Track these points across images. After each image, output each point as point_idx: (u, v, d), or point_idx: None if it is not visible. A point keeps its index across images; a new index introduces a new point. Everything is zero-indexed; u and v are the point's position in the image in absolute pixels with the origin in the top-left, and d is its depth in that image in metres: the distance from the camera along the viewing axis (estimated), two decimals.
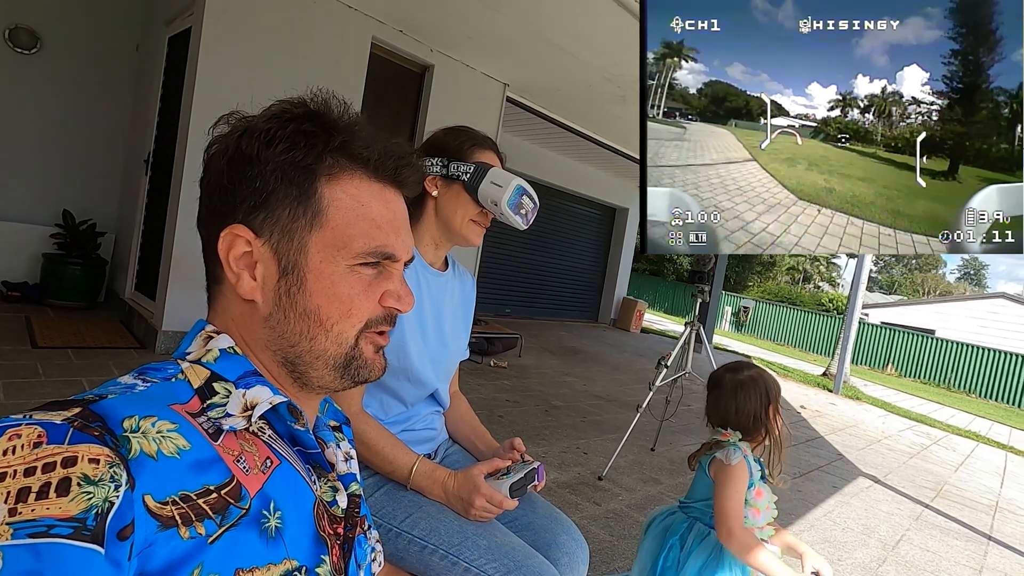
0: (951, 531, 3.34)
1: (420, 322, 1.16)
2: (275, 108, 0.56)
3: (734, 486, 1.26)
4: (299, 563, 0.50)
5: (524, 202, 1.14)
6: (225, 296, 0.56)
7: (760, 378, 1.36)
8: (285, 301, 0.54)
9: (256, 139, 0.52)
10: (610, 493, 2.75)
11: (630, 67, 4.48)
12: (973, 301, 22.70)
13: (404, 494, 1.06)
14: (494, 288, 8.54)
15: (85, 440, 0.39)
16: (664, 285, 22.04)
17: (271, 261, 0.53)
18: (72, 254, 4.18)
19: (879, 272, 46.60)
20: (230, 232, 0.53)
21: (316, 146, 0.53)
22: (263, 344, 0.55)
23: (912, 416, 7.86)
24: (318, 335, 0.54)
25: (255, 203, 0.53)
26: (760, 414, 1.33)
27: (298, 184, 0.53)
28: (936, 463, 5.19)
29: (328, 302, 0.54)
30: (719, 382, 1.41)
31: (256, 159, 0.52)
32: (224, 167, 0.53)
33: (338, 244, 0.54)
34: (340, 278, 0.54)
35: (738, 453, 1.29)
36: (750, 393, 1.34)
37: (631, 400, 4.74)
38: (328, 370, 0.56)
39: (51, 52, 4.27)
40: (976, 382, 15.48)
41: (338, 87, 2.72)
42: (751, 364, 1.43)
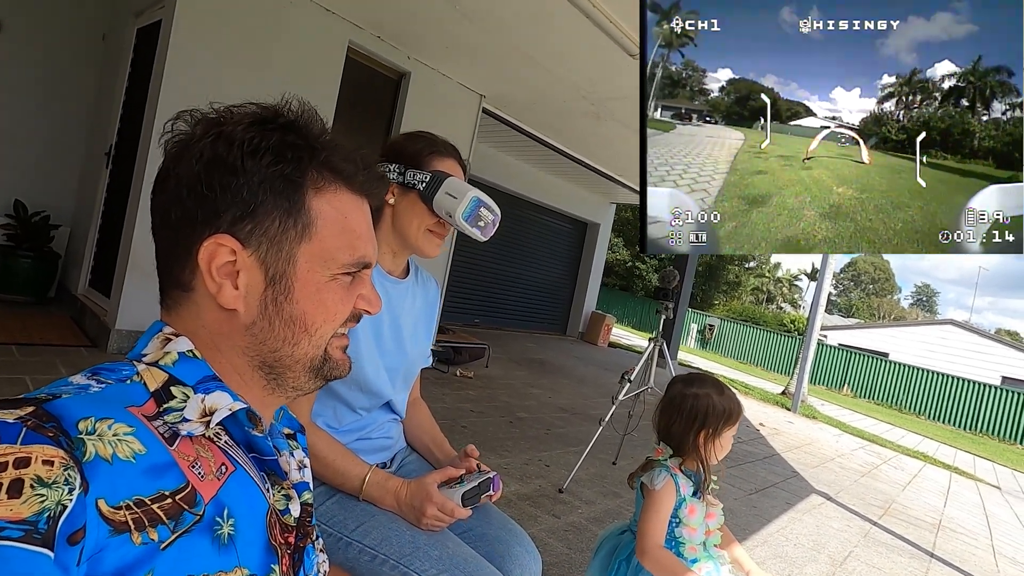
0: (896, 548, 3.45)
1: (375, 331, 1.14)
2: (250, 113, 0.55)
3: (654, 509, 1.25)
4: (250, 572, 0.49)
5: (482, 214, 1.11)
6: (195, 303, 0.55)
7: (702, 398, 1.30)
8: (271, 309, 0.54)
9: (239, 148, 0.52)
10: (570, 506, 2.76)
11: (604, 84, 4.57)
12: (924, 327, 23.70)
13: (356, 503, 1.04)
14: (463, 297, 8.52)
15: (39, 441, 0.38)
16: (633, 301, 22.36)
17: (256, 271, 0.53)
18: (22, 246, 4.00)
19: (838, 295, 48.21)
20: (214, 242, 0.52)
21: (302, 159, 0.54)
22: (239, 350, 0.55)
23: (865, 436, 8.13)
24: (302, 340, 0.56)
25: (241, 213, 0.52)
26: (690, 436, 1.29)
27: (287, 197, 0.53)
28: (885, 482, 5.37)
29: (314, 309, 0.55)
30: (667, 391, 1.38)
31: (241, 169, 0.52)
32: (201, 172, 0.52)
33: (325, 256, 0.56)
34: (324, 286, 0.56)
35: (663, 475, 1.27)
36: (682, 412, 1.30)
37: (596, 413, 4.77)
38: (305, 372, 0.57)
39: (12, 37, 4.11)
40: (925, 404, 16.13)
41: (312, 89, 2.74)
42: (706, 380, 1.36)
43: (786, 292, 34.78)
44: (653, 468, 1.30)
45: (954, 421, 15.43)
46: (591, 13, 3.37)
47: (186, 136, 0.54)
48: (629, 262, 24.06)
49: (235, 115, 0.54)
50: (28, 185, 4.29)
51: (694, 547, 1.29)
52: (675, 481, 1.27)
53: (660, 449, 1.35)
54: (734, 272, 29.34)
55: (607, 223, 11.00)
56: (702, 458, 1.29)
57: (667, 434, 1.34)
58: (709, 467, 1.31)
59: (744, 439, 5.40)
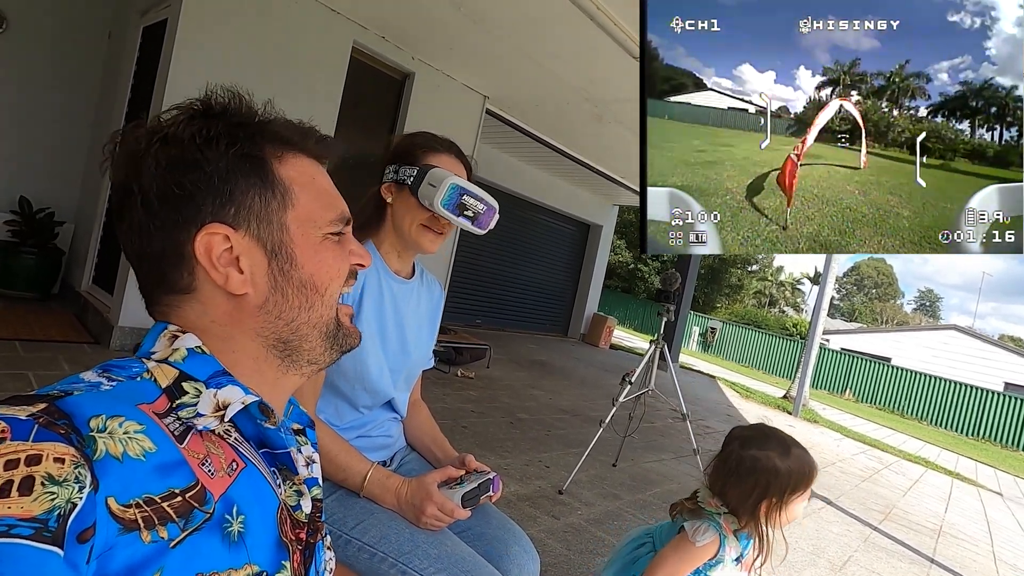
0: (896, 553, 3.44)
1: (381, 329, 1.15)
2: (184, 110, 0.55)
3: (682, 564, 1.12)
4: (260, 568, 0.50)
5: (468, 202, 1.09)
6: (199, 302, 0.55)
7: (763, 462, 1.11)
8: (281, 280, 0.55)
9: (191, 143, 0.52)
10: (569, 507, 2.76)
11: (607, 86, 4.58)
12: (927, 332, 23.64)
13: (356, 500, 1.05)
14: (465, 298, 8.53)
15: (50, 438, 0.38)
16: (635, 303, 22.35)
17: (255, 249, 0.54)
18: (27, 243, 4.02)
19: (841, 299, 48.11)
20: (206, 233, 0.52)
21: (254, 136, 0.55)
22: (253, 333, 0.56)
23: (866, 440, 8.11)
24: (316, 302, 0.57)
25: (221, 200, 0.53)
26: (746, 505, 1.12)
27: (256, 173, 0.55)
28: (886, 487, 5.36)
29: (319, 268, 0.57)
30: (724, 447, 1.20)
31: (204, 159, 0.52)
32: (166, 176, 0.52)
33: (311, 217, 0.57)
34: (320, 246, 0.58)
35: (710, 534, 1.11)
36: (740, 478, 1.12)
37: (596, 415, 4.76)
38: (321, 340, 0.59)
39: (18, 33, 4.13)
40: (928, 410, 16.08)
41: (316, 89, 2.74)
42: (771, 437, 1.16)
43: (788, 296, 34.72)
44: (702, 517, 1.14)
45: (956, 427, 15.37)
46: (595, 15, 3.37)
47: (131, 150, 0.53)
48: (631, 264, 24.05)
49: (171, 118, 0.55)
50: (33, 182, 4.31)
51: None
52: (722, 544, 1.12)
53: (714, 501, 1.16)
54: (736, 275, 29.29)
55: (610, 225, 10.99)
56: (761, 531, 1.13)
57: (722, 495, 1.16)
58: (770, 541, 1.13)
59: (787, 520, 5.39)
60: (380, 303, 1.15)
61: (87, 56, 4.49)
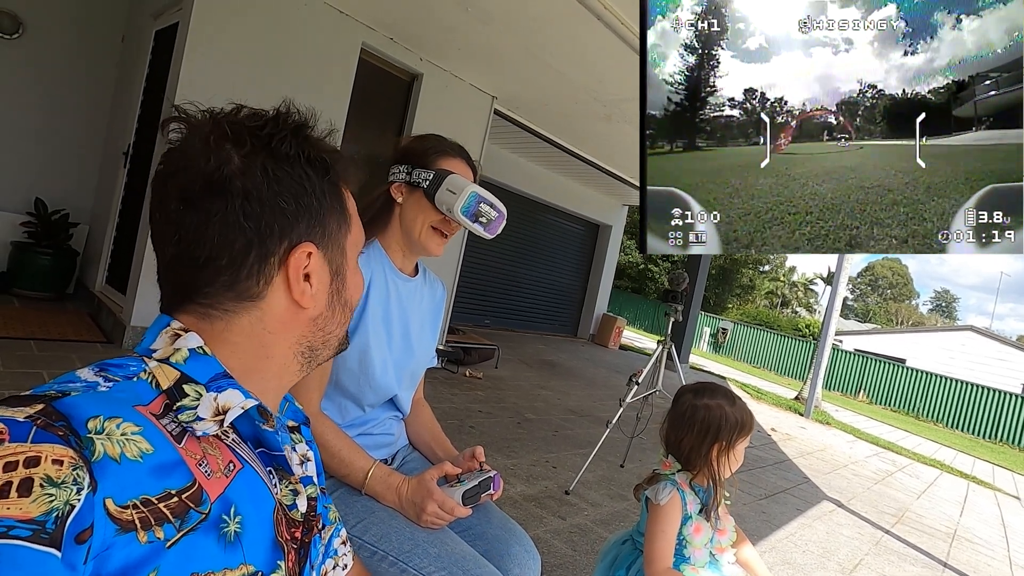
0: (908, 557, 3.39)
1: (386, 327, 1.16)
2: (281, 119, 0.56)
3: (660, 526, 1.19)
4: (255, 568, 0.50)
5: (484, 210, 1.13)
6: (259, 309, 0.55)
7: (714, 410, 1.24)
8: (335, 299, 0.61)
9: (295, 160, 0.55)
10: (576, 508, 2.75)
11: (615, 86, 4.56)
12: (943, 333, 23.29)
13: (357, 499, 1.05)
14: (474, 298, 8.53)
15: (48, 440, 0.38)
16: (645, 303, 22.24)
17: (325, 268, 0.59)
18: (42, 243, 4.09)
19: (855, 300, 47.56)
20: (302, 251, 0.56)
21: (335, 166, 0.60)
22: (293, 341, 0.59)
23: (880, 443, 8.00)
24: (347, 318, 0.64)
25: (314, 221, 0.57)
26: (702, 450, 1.23)
27: (338, 200, 0.60)
28: (900, 490, 5.29)
29: (354, 288, 0.64)
30: (675, 401, 1.32)
31: (307, 179, 0.56)
32: (273, 187, 0.53)
33: (357, 243, 0.64)
34: (356, 268, 0.65)
35: (668, 489, 1.21)
36: (693, 424, 1.24)
37: (604, 415, 4.75)
38: (334, 349, 0.65)
39: (34, 38, 4.20)
40: (943, 412, 15.82)
41: (325, 91, 2.77)
42: (717, 389, 1.29)
43: (801, 296, 34.34)
44: (659, 481, 1.25)
45: (973, 429, 15.12)
46: (602, 15, 3.36)
47: (232, 146, 0.52)
48: (641, 264, 23.95)
49: (274, 121, 0.56)
50: (48, 184, 4.39)
51: (696, 569, 1.23)
52: (682, 497, 1.22)
53: (668, 462, 1.29)
54: (748, 275, 29.06)
55: (619, 225, 10.94)
56: (714, 473, 1.23)
57: (676, 447, 1.28)
58: (722, 482, 1.25)
59: (755, 444, 5.35)
60: (386, 300, 1.16)
61: (101, 60, 4.55)
